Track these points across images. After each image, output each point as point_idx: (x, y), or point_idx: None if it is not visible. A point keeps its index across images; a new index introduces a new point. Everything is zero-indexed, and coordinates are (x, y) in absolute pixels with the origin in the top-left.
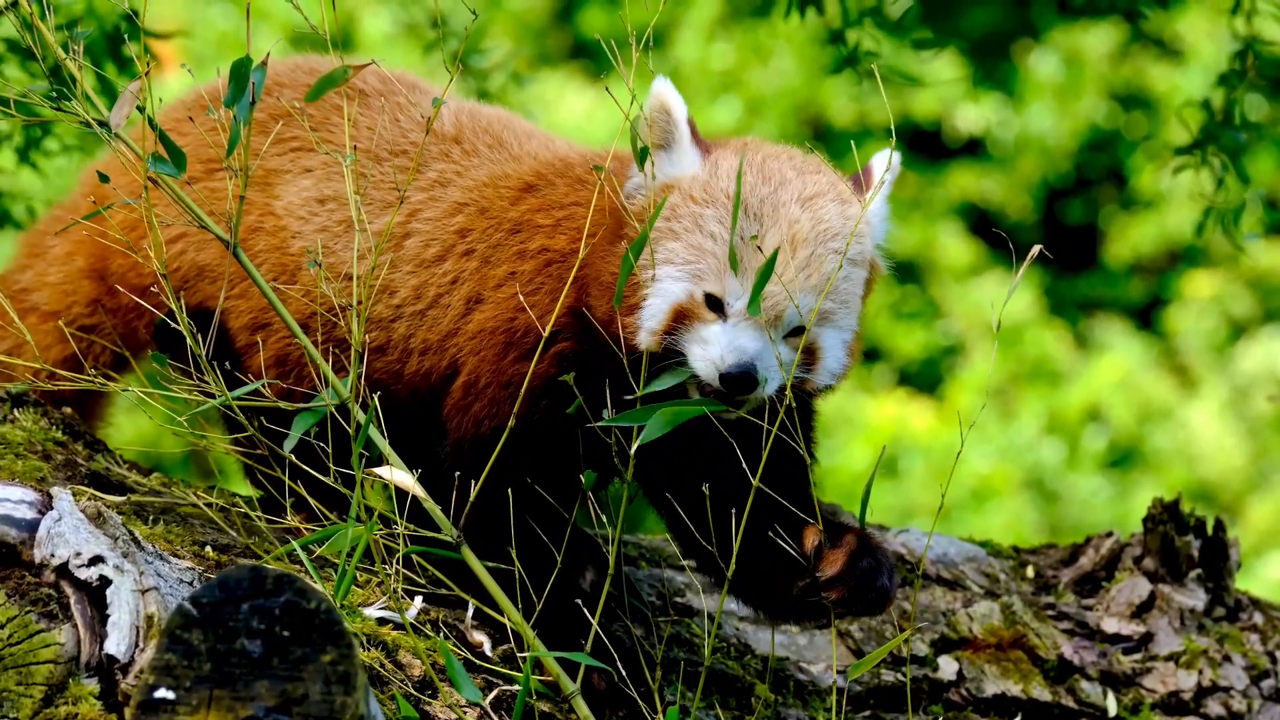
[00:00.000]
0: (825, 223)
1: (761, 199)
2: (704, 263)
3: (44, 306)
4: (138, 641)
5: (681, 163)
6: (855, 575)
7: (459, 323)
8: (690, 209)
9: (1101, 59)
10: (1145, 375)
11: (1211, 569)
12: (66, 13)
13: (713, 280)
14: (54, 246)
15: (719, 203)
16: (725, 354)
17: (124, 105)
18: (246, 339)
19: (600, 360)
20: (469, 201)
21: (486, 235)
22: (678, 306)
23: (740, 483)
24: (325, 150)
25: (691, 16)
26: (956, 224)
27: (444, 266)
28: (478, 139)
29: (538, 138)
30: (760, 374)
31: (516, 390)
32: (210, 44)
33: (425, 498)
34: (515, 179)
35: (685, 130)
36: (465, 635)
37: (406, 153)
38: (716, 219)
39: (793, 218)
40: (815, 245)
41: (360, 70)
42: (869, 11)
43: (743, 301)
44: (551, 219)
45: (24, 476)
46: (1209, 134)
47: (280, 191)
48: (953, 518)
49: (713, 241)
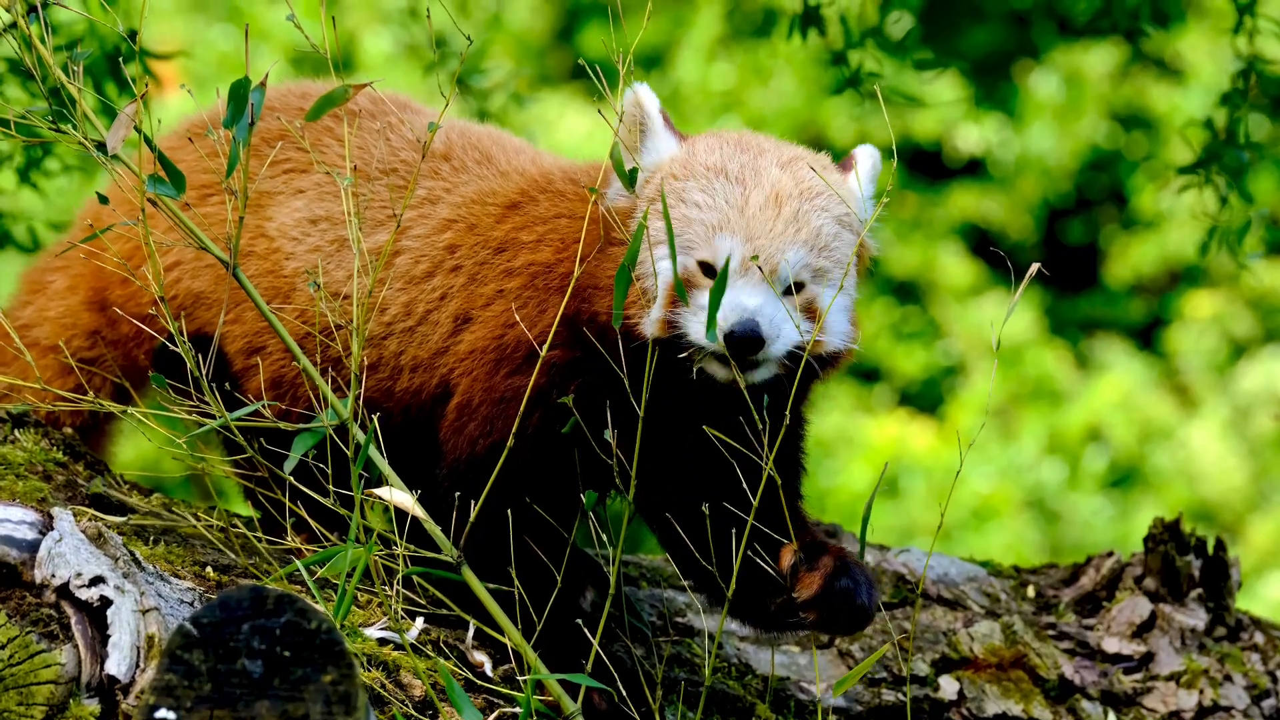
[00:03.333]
0: (806, 182)
1: (741, 165)
2: (691, 231)
3: (44, 341)
4: (138, 662)
5: (658, 149)
6: (832, 596)
7: (448, 341)
8: (671, 185)
9: (1102, 79)
10: (1146, 395)
11: (1212, 589)
12: (68, 33)
13: (702, 247)
14: (54, 281)
15: (698, 174)
16: (727, 313)
17: (120, 128)
18: (242, 363)
19: (597, 364)
20: (458, 218)
21: (474, 252)
22: (673, 283)
23: (728, 493)
24: (326, 170)
25: (692, 37)
26: (957, 244)
27: (433, 283)
28: (466, 155)
29: (526, 153)
30: (765, 330)
31: (509, 405)
32: (211, 65)
33: (425, 518)
34: (502, 196)
35: (658, 119)
36: (466, 655)
37: (397, 171)
38: (698, 188)
39: (774, 178)
40: (800, 202)
41: (360, 90)
42: (870, 32)
43: (736, 261)
44: (535, 234)
45: (25, 497)
46: (1212, 153)
47: (273, 213)
48: (954, 538)
49: (697, 210)
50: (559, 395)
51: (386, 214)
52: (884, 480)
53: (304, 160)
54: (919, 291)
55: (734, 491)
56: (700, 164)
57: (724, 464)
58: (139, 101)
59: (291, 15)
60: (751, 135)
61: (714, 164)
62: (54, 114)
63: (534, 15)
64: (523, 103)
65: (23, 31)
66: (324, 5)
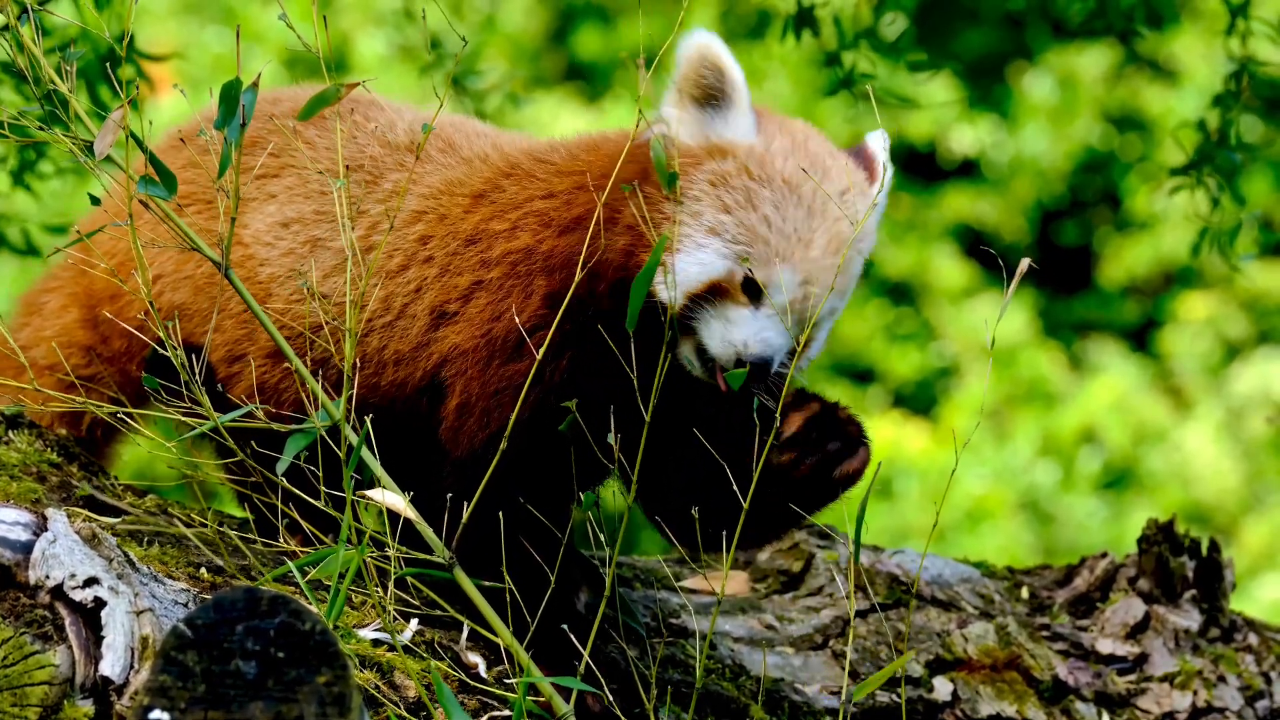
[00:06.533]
0: (856, 219)
1: (813, 190)
2: (755, 247)
3: (42, 361)
4: (133, 663)
5: (738, 127)
6: (811, 430)
7: (428, 334)
8: (744, 182)
9: (1096, 81)
10: (1140, 397)
11: (1206, 590)
12: (61, 35)
13: (760, 267)
14: (48, 302)
15: (775, 185)
16: (752, 342)
17: (109, 133)
18: (225, 371)
19: (592, 332)
20: (427, 209)
21: (445, 243)
22: (716, 281)
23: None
24: (318, 171)
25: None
26: (951, 246)
27: (407, 275)
28: (429, 144)
29: (487, 137)
30: (775, 367)
31: (505, 395)
32: (204, 67)
33: (418, 519)
34: (468, 186)
35: (745, 94)
36: (460, 656)
37: (364, 167)
38: (773, 203)
39: (835, 216)
40: (851, 249)
41: (351, 89)
42: (864, 34)
43: (782, 298)
44: (508, 222)
45: (19, 498)
46: (1204, 155)
47: (248, 220)
48: (948, 539)
49: (766, 226)
50: (553, 373)
51: (356, 210)
52: (877, 481)
53: (274, 165)
54: (913, 293)
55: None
56: (777, 172)
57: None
58: (126, 105)
59: (283, 15)
60: (811, 139)
61: (790, 178)
62: (47, 116)
63: (528, 17)
64: (518, 104)
65: (15, 33)
66: (316, 6)
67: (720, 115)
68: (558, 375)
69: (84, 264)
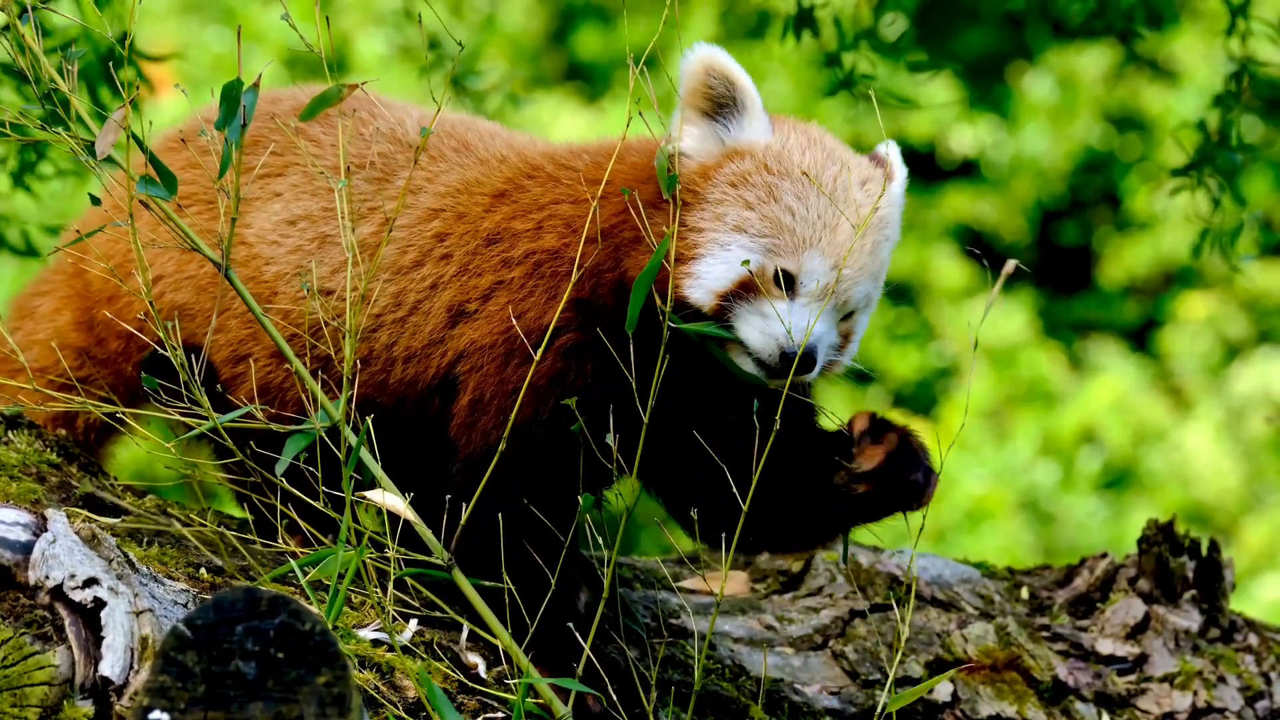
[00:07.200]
0: (881, 209)
1: (834, 179)
2: (781, 238)
3: (34, 364)
4: (132, 663)
5: (754, 129)
6: (891, 468)
7: (443, 331)
8: (765, 178)
9: (1096, 81)
10: (1140, 397)
11: (1206, 590)
12: (62, 36)
13: (789, 258)
14: (40, 305)
15: (795, 177)
16: (793, 332)
17: (109, 133)
18: (229, 372)
19: (614, 342)
20: (444, 207)
21: (463, 241)
22: (746, 277)
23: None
24: (319, 170)
25: (686, 39)
26: (951, 246)
27: (422, 271)
28: (443, 143)
29: (500, 137)
30: (819, 359)
31: (523, 395)
32: (205, 67)
33: (417, 521)
34: (488, 185)
35: (757, 97)
36: (460, 657)
37: (374, 165)
38: (794, 194)
39: (859, 202)
40: (877, 233)
41: (353, 90)
42: (864, 34)
43: (817, 284)
44: (532, 222)
45: (18, 498)
46: (1205, 155)
47: (251, 219)
48: (947, 539)
49: (790, 217)
50: (576, 377)
51: (367, 207)
52: None
53: (277, 164)
54: (912, 293)
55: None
56: (795, 164)
57: (740, 428)
58: (128, 105)
59: (286, 15)
60: (829, 138)
61: (809, 169)
62: (47, 116)
63: (528, 17)
64: (518, 104)
65: (16, 33)
66: (318, 6)
67: (733, 122)
68: (579, 381)
69: (82, 264)
